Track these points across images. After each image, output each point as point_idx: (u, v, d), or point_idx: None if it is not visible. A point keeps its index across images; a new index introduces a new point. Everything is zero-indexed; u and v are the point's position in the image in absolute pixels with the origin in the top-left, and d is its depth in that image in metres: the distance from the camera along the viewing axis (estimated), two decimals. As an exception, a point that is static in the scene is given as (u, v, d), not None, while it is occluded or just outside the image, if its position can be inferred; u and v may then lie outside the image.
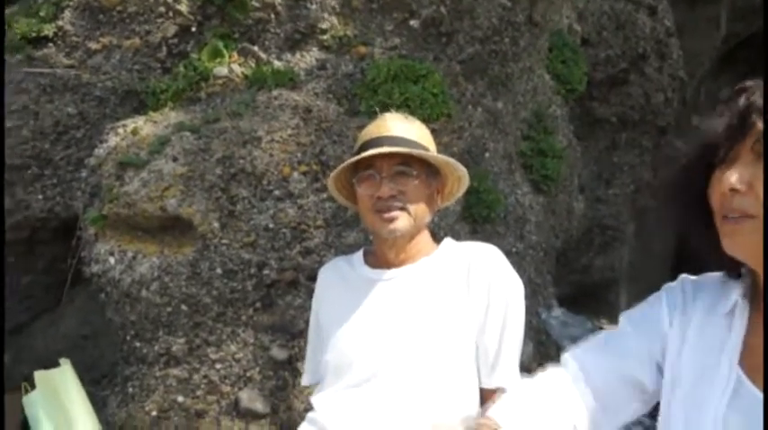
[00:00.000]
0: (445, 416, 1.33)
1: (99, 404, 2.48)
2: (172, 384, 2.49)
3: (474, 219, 2.99)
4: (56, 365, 1.66)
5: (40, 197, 3.08)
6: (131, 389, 2.58)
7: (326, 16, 3.04)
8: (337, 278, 1.54)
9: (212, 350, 2.49)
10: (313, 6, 3.02)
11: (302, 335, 2.38)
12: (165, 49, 3.10)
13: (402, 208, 1.41)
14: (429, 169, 1.45)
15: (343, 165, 1.47)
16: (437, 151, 1.52)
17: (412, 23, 3.01)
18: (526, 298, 1.47)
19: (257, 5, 3.01)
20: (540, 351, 3.00)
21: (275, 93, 2.86)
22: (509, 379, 1.36)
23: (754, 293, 0.90)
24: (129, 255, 2.59)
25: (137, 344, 2.58)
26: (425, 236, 1.50)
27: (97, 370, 2.91)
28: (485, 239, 2.29)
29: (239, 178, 2.61)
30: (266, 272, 2.52)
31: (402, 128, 1.46)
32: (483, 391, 1.39)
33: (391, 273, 1.46)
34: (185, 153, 2.65)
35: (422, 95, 2.85)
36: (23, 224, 3.08)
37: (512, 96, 3.28)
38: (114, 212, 2.63)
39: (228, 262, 2.53)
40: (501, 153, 3.16)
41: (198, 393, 2.46)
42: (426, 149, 1.45)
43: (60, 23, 3.12)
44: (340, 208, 2.53)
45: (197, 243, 2.55)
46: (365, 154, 1.41)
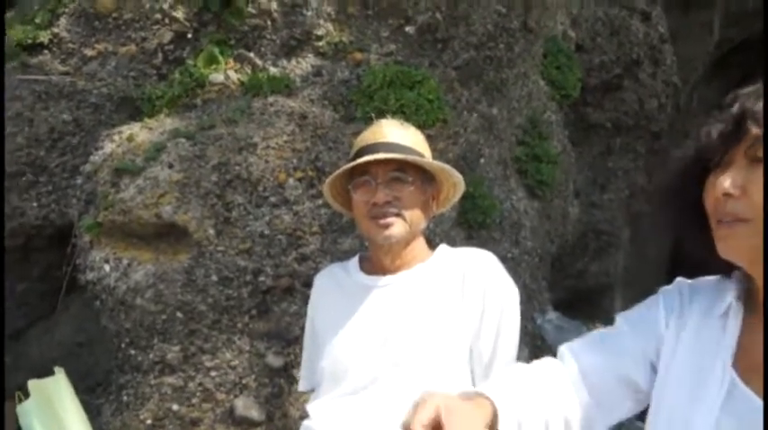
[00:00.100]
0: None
1: (93, 412, 2.47)
2: (167, 392, 2.48)
3: (469, 224, 2.99)
4: (50, 373, 1.65)
5: (34, 204, 3.07)
6: (126, 398, 2.57)
7: (322, 23, 3.05)
8: (333, 284, 1.54)
9: (207, 357, 2.48)
10: (309, 13, 3.03)
11: (298, 342, 2.37)
12: (160, 55, 3.09)
13: (397, 214, 1.41)
14: (424, 175, 1.46)
15: (339, 171, 1.47)
16: (432, 157, 1.53)
17: (407, 30, 3.02)
18: (521, 303, 1.47)
19: (253, 12, 3.02)
20: (536, 356, 2.99)
21: (271, 99, 2.86)
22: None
23: (748, 296, 0.91)
24: (125, 262, 2.58)
25: (131, 351, 2.57)
26: (421, 242, 1.50)
27: (92, 378, 2.89)
28: (480, 245, 2.29)
29: (235, 185, 2.61)
30: (262, 278, 2.52)
31: (397, 134, 1.47)
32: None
33: (386, 279, 1.46)
34: (181, 159, 2.65)
35: (417, 101, 2.86)
36: (18, 231, 3.06)
37: (507, 102, 3.29)
38: (109, 219, 2.62)
39: (224, 269, 2.52)
40: (496, 158, 3.16)
41: (193, 401, 2.45)
42: (422, 155, 1.45)
43: (56, 30, 3.12)
44: (335, 214, 2.53)
45: (192, 250, 2.55)
46: (361, 160, 1.41)
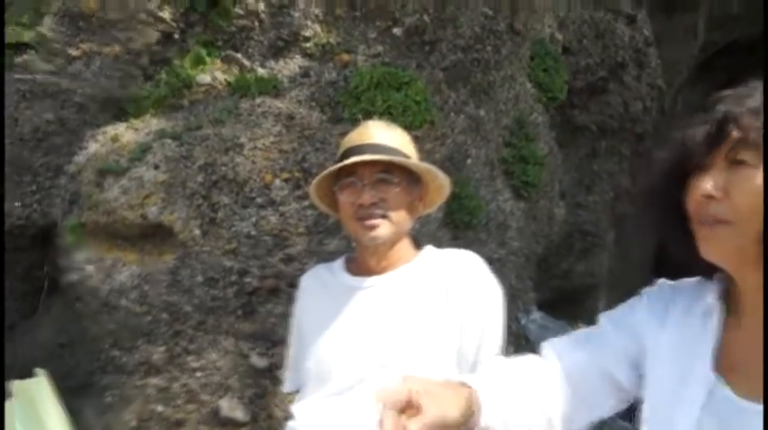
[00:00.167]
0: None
1: (76, 414, 2.44)
2: (151, 393, 2.46)
3: (456, 225, 3.00)
4: (32, 374, 1.63)
5: (17, 204, 3.03)
6: (109, 399, 2.55)
7: (310, 24, 3.04)
8: (319, 285, 1.54)
9: (192, 358, 2.47)
10: (296, 14, 3.02)
11: (283, 343, 2.36)
12: (146, 56, 3.07)
13: (383, 215, 1.41)
14: (410, 177, 1.46)
15: (326, 172, 1.47)
16: (419, 158, 1.53)
17: (395, 31, 3.02)
18: (506, 303, 1.47)
19: (240, 13, 3.00)
20: (520, 355, 3.01)
21: (258, 100, 2.85)
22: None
23: (728, 296, 0.92)
24: (108, 263, 2.56)
25: (115, 353, 2.55)
26: (406, 243, 1.50)
27: (74, 379, 2.86)
28: (466, 245, 2.30)
29: (221, 185, 2.60)
30: (247, 279, 2.51)
31: (384, 135, 1.47)
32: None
33: (372, 280, 1.46)
34: (167, 160, 2.64)
35: (404, 103, 2.86)
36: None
37: (494, 104, 3.30)
38: (93, 220, 2.60)
39: (209, 269, 2.51)
40: (483, 160, 3.18)
41: (178, 402, 2.44)
42: (408, 157, 1.46)
43: (40, 30, 3.09)
44: (322, 215, 2.53)
45: (178, 251, 2.53)
46: (347, 161, 1.41)
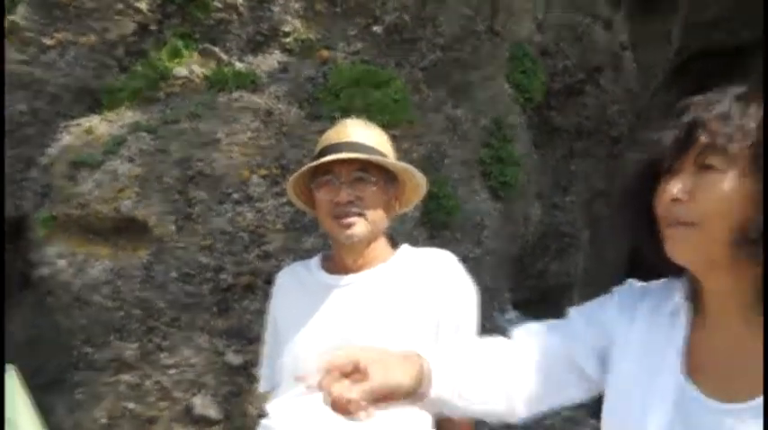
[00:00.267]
0: (400, 421, 1.34)
1: (46, 411, 2.41)
2: (122, 390, 2.43)
3: (432, 224, 3.01)
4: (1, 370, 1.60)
5: (-13, 196, 2.97)
6: (80, 396, 2.51)
7: (289, 19, 3.02)
8: (295, 283, 1.54)
9: (165, 355, 2.45)
10: (276, 9, 3.00)
11: (258, 341, 2.35)
12: (122, 47, 3.03)
13: (360, 214, 1.42)
14: (387, 175, 1.47)
15: (303, 169, 1.47)
16: (398, 157, 1.54)
17: (375, 29, 3.02)
18: (482, 303, 1.49)
19: (219, 6, 2.97)
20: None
21: (236, 95, 2.82)
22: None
23: (695, 297, 0.95)
24: (80, 257, 2.52)
25: (87, 349, 2.52)
26: (383, 241, 1.51)
27: (44, 375, 2.82)
28: (443, 245, 2.31)
29: (197, 180, 2.57)
30: (223, 276, 2.49)
31: (361, 134, 1.47)
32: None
33: (348, 278, 1.46)
34: (142, 154, 2.60)
35: (383, 101, 2.86)
36: (-31, 224, 2.97)
37: (472, 104, 3.32)
38: (65, 213, 2.56)
39: (184, 265, 2.49)
40: (460, 160, 3.19)
41: (150, 399, 2.42)
42: (385, 156, 1.46)
43: (13, 18, 3.02)
44: (299, 212, 2.52)
45: (152, 246, 2.50)
46: (324, 159, 1.41)
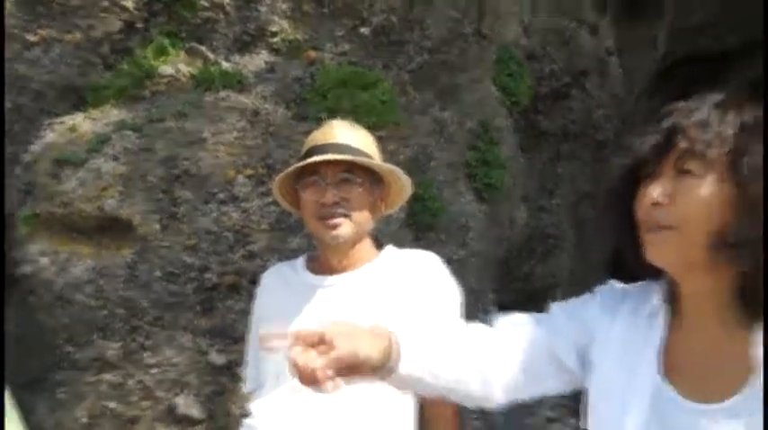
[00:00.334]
0: (383, 421, 1.35)
1: (27, 410, 2.38)
2: (104, 390, 2.42)
3: (418, 226, 3.02)
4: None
5: (-31, 193, 2.93)
6: (62, 395, 2.49)
7: (277, 19, 3.02)
8: (280, 283, 1.54)
9: (148, 355, 2.43)
10: (263, 9, 3.00)
11: (242, 340, 2.35)
12: (108, 44, 3.00)
13: (345, 215, 1.42)
14: (373, 177, 1.47)
15: (289, 170, 1.48)
16: (384, 159, 1.55)
17: (362, 31, 3.03)
18: (467, 304, 1.50)
19: (206, 5, 2.96)
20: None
21: (222, 94, 2.82)
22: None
23: (673, 299, 0.97)
24: (63, 256, 2.50)
25: (69, 348, 2.49)
26: (368, 242, 1.52)
27: (25, 374, 2.79)
28: (428, 246, 2.32)
29: (182, 180, 2.56)
30: (207, 275, 2.48)
31: (347, 135, 1.48)
32: (423, 398, 1.41)
33: (333, 279, 1.47)
34: (126, 152, 2.59)
35: (370, 102, 2.87)
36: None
37: (459, 107, 3.33)
38: (48, 211, 2.53)
39: (168, 265, 2.48)
40: (447, 162, 3.21)
41: (132, 399, 2.40)
42: (371, 157, 1.47)
43: (-4, 14, 2.99)
44: (285, 212, 2.52)
45: (136, 245, 2.49)
46: (309, 160, 1.42)
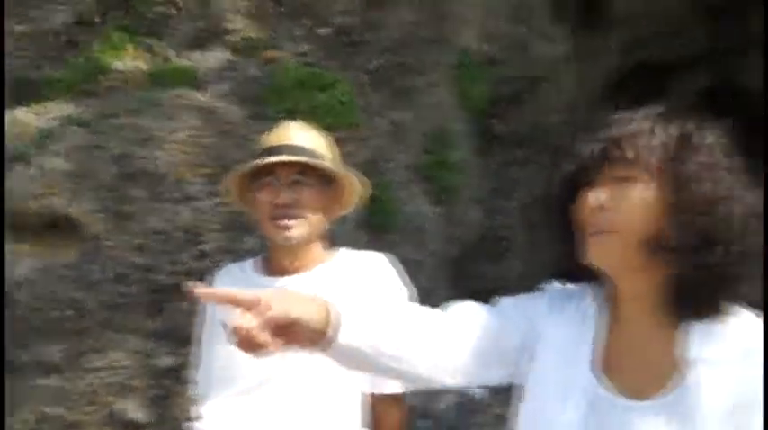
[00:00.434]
0: (331, 422, 1.35)
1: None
2: (46, 394, 2.35)
3: (374, 227, 3.03)
4: None
5: None
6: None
7: (235, 17, 2.99)
8: (230, 284, 1.52)
9: (94, 357, 2.38)
10: (221, 6, 2.97)
11: (190, 342, 2.32)
12: (60, 37, 2.93)
13: (298, 216, 1.42)
14: (326, 178, 1.48)
15: (241, 170, 1.47)
16: (341, 160, 1.55)
17: (321, 31, 3.03)
18: (422, 304, 1.51)
19: (161, 0, 2.92)
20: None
21: (177, 91, 2.77)
22: (396, 384, 1.40)
23: (610, 300, 1.00)
24: (7, 255, 2.42)
25: (12, 350, 2.41)
26: (320, 244, 1.52)
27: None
28: (383, 247, 2.32)
29: (133, 178, 2.51)
30: (157, 276, 2.44)
31: (302, 137, 1.48)
32: (372, 397, 1.43)
33: (285, 280, 1.46)
34: (76, 149, 2.53)
35: (329, 103, 2.87)
36: None
37: (416, 109, 3.36)
38: (-8, 209, 2.45)
39: (117, 265, 2.43)
40: (403, 164, 3.23)
41: (75, 403, 2.34)
42: (324, 159, 1.47)
43: (-58, 3, 2.88)
44: (237, 213, 2.49)
45: (84, 245, 2.43)
46: (261, 161, 1.42)
